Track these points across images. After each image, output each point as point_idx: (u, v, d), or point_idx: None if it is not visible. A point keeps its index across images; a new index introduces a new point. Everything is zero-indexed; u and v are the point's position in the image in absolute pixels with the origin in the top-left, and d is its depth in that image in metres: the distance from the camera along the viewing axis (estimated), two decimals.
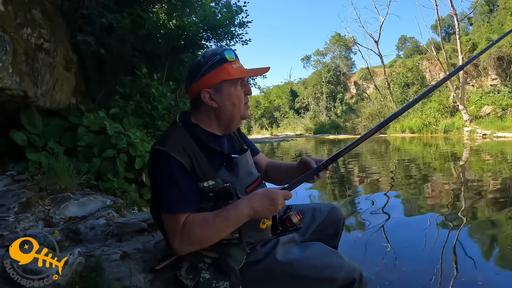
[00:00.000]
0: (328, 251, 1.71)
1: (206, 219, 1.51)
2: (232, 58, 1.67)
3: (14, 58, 3.47)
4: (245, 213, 1.53)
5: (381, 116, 30.30)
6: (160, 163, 1.56)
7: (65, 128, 4.51)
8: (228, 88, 1.66)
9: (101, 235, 2.36)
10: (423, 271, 3.09)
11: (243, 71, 1.71)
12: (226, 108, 1.68)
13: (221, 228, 1.52)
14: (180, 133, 1.63)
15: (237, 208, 1.54)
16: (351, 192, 6.90)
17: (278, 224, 1.74)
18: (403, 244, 3.78)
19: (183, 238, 1.51)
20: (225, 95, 1.67)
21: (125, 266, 1.79)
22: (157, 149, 1.57)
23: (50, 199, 3.23)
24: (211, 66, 1.64)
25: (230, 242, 1.63)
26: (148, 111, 5.99)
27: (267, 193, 1.58)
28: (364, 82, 43.01)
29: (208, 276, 1.58)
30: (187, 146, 1.58)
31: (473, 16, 36.69)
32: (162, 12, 8.82)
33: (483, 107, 23.91)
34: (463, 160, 11.29)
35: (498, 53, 25.42)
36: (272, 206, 1.56)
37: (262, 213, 1.57)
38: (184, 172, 1.54)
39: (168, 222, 1.54)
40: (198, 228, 1.50)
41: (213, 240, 1.55)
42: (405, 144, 19.86)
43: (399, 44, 53.13)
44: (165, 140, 1.60)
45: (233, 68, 1.66)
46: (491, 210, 5.14)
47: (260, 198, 1.56)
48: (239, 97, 1.70)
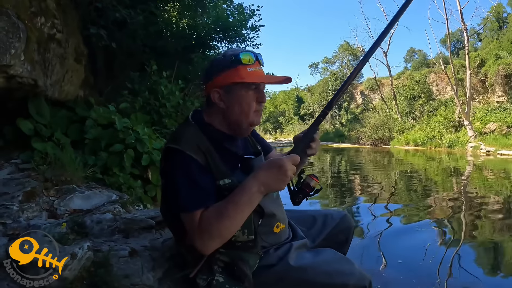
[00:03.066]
0: (340, 258, 1.69)
1: (219, 209, 1.44)
2: (250, 61, 1.60)
3: (27, 46, 3.45)
4: (254, 190, 1.44)
5: (385, 127, 30.26)
6: (175, 161, 1.50)
7: (72, 120, 4.48)
8: (239, 91, 1.59)
9: (108, 230, 2.31)
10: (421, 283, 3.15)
11: (258, 76, 1.62)
12: (234, 111, 1.62)
13: (235, 214, 1.43)
14: (193, 131, 1.58)
15: (244, 188, 1.45)
16: (351, 201, 6.89)
17: (297, 192, 1.67)
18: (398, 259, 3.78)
19: (203, 234, 1.43)
20: (234, 98, 1.60)
21: (134, 263, 1.75)
22: (172, 147, 1.51)
23: (55, 190, 3.19)
24: (226, 66, 1.59)
25: (245, 245, 1.57)
26: (156, 108, 5.97)
27: (272, 162, 1.49)
28: (371, 92, 43.02)
29: (222, 279, 1.54)
30: (202, 144, 1.53)
31: (482, 32, 36.78)
32: (174, 10, 8.82)
33: (488, 124, 23.81)
34: (465, 176, 11.27)
35: (506, 71, 25.39)
36: (282, 175, 1.46)
37: (274, 185, 1.47)
38: (200, 169, 1.48)
39: (187, 222, 1.48)
40: (213, 221, 1.42)
41: (232, 228, 1.46)
42: (408, 156, 19.86)
43: (408, 56, 53.39)
44: (178, 138, 1.55)
45: (247, 72, 1.59)
46: (490, 227, 5.15)
47: (266, 170, 1.47)
48: (249, 102, 1.61)
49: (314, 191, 1.67)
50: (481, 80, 27.99)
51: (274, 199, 1.74)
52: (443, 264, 3.62)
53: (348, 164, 15.55)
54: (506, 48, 27.56)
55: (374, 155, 20.43)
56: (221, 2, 9.53)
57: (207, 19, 8.86)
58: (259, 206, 1.54)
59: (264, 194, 1.48)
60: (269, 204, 1.64)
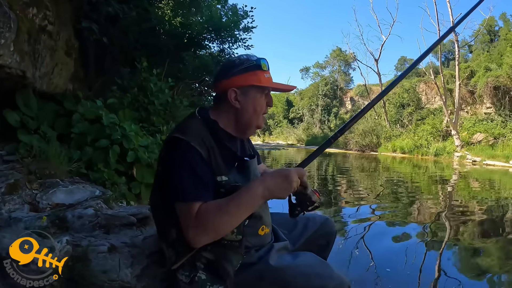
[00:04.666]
0: (319, 261, 1.72)
1: (220, 205, 1.48)
2: (266, 68, 1.71)
3: (17, 36, 3.43)
4: (259, 194, 1.50)
5: (374, 134, 30.44)
6: (178, 151, 1.54)
7: (60, 113, 4.45)
8: (255, 94, 1.69)
9: (89, 225, 2.31)
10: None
11: (271, 82, 1.73)
12: (248, 111, 1.70)
13: (235, 212, 1.48)
14: (199, 125, 1.64)
15: (250, 190, 1.50)
16: (336, 206, 6.92)
17: (296, 205, 1.75)
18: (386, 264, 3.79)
19: (198, 227, 1.45)
20: (250, 99, 1.69)
21: (112, 259, 1.76)
22: (177, 137, 1.55)
23: (38, 183, 3.17)
24: (245, 68, 1.68)
25: (231, 244, 1.59)
26: (144, 105, 5.95)
27: (279, 171, 1.57)
28: (360, 99, 43.31)
29: (204, 277, 1.56)
30: (206, 138, 1.58)
31: (473, 44, 37.17)
32: (168, 8, 8.81)
33: (476, 134, 24.10)
34: (450, 184, 11.39)
35: (495, 83, 25.74)
36: (287, 184, 1.53)
37: (277, 192, 1.53)
38: (202, 161, 1.53)
39: (182, 211, 1.49)
40: (211, 215, 1.45)
41: (229, 226, 1.50)
42: (395, 163, 19.97)
43: (399, 64, 53.69)
44: (184, 129, 1.59)
45: (264, 77, 1.69)
46: (474, 233, 5.22)
47: (273, 177, 1.54)
48: (262, 105, 1.72)
49: (313, 206, 1.74)
50: (470, 91, 28.41)
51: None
52: (430, 271, 3.68)
53: (335, 169, 15.60)
54: (496, 60, 27.92)
55: (361, 161, 20.53)
56: (216, 2, 9.54)
57: (200, 18, 8.85)
58: None
59: (266, 199, 1.55)
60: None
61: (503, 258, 4.24)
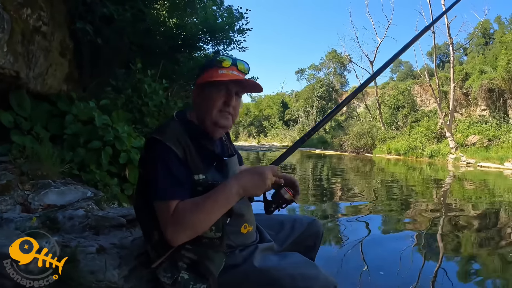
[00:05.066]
0: (304, 262, 1.74)
1: (196, 202, 1.50)
2: (225, 64, 1.70)
3: (10, 37, 3.44)
4: (234, 191, 1.52)
5: (368, 136, 30.51)
6: (155, 151, 1.57)
7: (53, 114, 4.46)
8: (209, 90, 1.70)
9: (79, 226, 2.32)
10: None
11: (226, 76, 1.69)
12: (202, 108, 1.72)
13: (211, 209, 1.50)
14: (175, 126, 1.66)
15: (225, 188, 1.53)
16: (330, 209, 6.92)
17: (271, 202, 1.78)
18: (379, 267, 3.80)
19: (175, 224, 1.47)
20: (203, 96, 1.71)
21: (100, 260, 1.77)
22: (153, 137, 1.58)
23: (30, 184, 3.18)
24: (203, 67, 1.75)
25: (211, 242, 1.60)
26: (138, 106, 5.95)
27: (254, 169, 1.60)
28: (355, 101, 43.21)
29: (187, 277, 1.58)
30: (182, 138, 1.60)
31: (468, 46, 37.32)
32: (163, 9, 8.80)
33: (470, 136, 24.22)
34: (445, 186, 11.46)
35: (490, 85, 25.96)
36: (261, 181, 1.56)
37: (252, 190, 1.56)
38: (178, 161, 1.55)
39: (160, 210, 1.52)
40: (188, 212, 1.47)
41: (205, 223, 1.51)
42: (389, 165, 20.02)
43: (394, 67, 53.75)
44: (161, 131, 1.62)
45: (217, 73, 1.68)
46: (468, 238, 5.21)
47: (248, 175, 1.57)
48: (214, 101, 1.69)
49: (286, 204, 1.77)
50: (464, 93, 28.55)
51: (244, 200, 1.78)
52: (425, 274, 3.69)
53: (330, 171, 15.62)
54: (491, 63, 28.07)
55: (356, 163, 20.56)
56: (211, 3, 9.54)
57: (195, 20, 8.85)
58: None
59: (241, 196, 1.55)
60: (239, 204, 1.68)
61: (497, 262, 4.26)
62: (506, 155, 19.89)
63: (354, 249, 4.37)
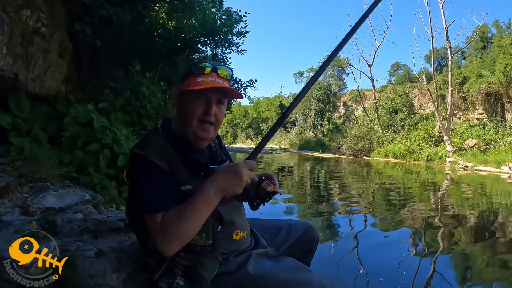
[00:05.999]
0: (299, 267, 1.74)
1: (178, 211, 1.48)
2: (204, 71, 1.66)
3: (10, 39, 3.45)
4: (211, 193, 1.49)
5: (366, 139, 30.56)
6: (138, 166, 1.56)
7: (52, 115, 4.46)
8: (188, 99, 1.66)
9: (77, 229, 2.33)
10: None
11: (204, 84, 1.64)
12: (182, 118, 1.70)
13: (193, 216, 1.48)
14: (159, 138, 1.64)
15: (202, 191, 1.50)
16: (327, 212, 6.92)
17: (253, 198, 1.73)
18: (375, 272, 3.79)
19: (163, 235, 1.48)
20: (182, 105, 1.69)
21: (99, 264, 1.78)
22: (136, 153, 1.57)
23: (29, 186, 3.18)
24: (184, 75, 1.71)
25: (203, 249, 1.61)
26: (136, 108, 5.94)
27: (228, 167, 1.55)
28: (353, 104, 43.42)
29: (182, 283, 1.57)
30: (166, 151, 1.59)
31: (466, 50, 37.43)
32: (162, 11, 8.81)
33: (467, 140, 24.35)
34: (442, 189, 11.49)
35: (487, 89, 26.08)
36: (237, 179, 1.51)
37: (230, 188, 1.52)
38: (162, 174, 1.55)
39: (149, 223, 1.52)
40: (172, 223, 1.47)
41: (191, 230, 1.50)
42: (387, 168, 20.06)
43: (392, 70, 53.94)
44: (143, 144, 1.61)
45: (195, 81, 1.64)
46: (466, 240, 5.23)
47: (222, 174, 1.53)
48: (193, 110, 1.65)
49: (270, 196, 1.71)
50: (462, 97, 28.69)
51: (235, 207, 1.79)
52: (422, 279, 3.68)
53: (328, 174, 15.62)
54: (489, 67, 28.22)
55: (354, 166, 20.57)
56: (210, 6, 9.55)
57: (194, 22, 8.85)
58: (218, 213, 1.61)
59: (221, 197, 1.52)
60: (228, 212, 1.70)
61: (498, 267, 4.26)
62: (503, 159, 19.99)
63: (350, 253, 4.37)
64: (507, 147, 21.79)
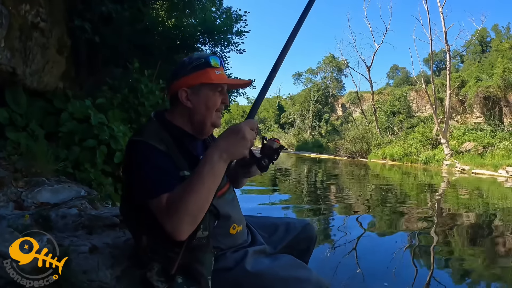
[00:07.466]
0: (297, 264, 1.73)
1: (183, 186, 1.40)
2: (217, 65, 1.68)
3: (8, 32, 3.43)
4: (215, 158, 1.40)
5: (364, 141, 30.61)
6: (137, 151, 1.51)
7: (49, 111, 4.44)
8: (206, 92, 1.66)
9: (72, 225, 2.31)
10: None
11: (224, 79, 1.70)
12: (200, 110, 1.67)
13: (200, 187, 1.37)
14: (156, 127, 1.62)
15: (207, 160, 1.41)
16: (325, 211, 6.93)
17: (261, 157, 1.67)
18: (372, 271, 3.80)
19: (172, 216, 1.37)
20: (201, 98, 1.66)
21: (93, 259, 1.76)
22: (134, 139, 1.54)
23: (24, 181, 3.16)
24: (194, 67, 1.65)
25: (199, 242, 1.53)
26: (134, 106, 5.91)
27: (230, 128, 1.48)
28: (352, 106, 43.46)
29: (180, 280, 1.52)
30: (164, 138, 1.57)
31: (465, 54, 37.55)
32: (162, 9, 8.80)
33: (465, 143, 24.41)
34: (439, 192, 11.52)
35: (485, 93, 26.19)
36: (240, 139, 1.43)
37: (235, 150, 1.44)
38: (162, 156, 1.51)
39: (155, 208, 1.42)
40: (178, 199, 1.37)
41: (200, 204, 1.39)
42: (384, 170, 20.09)
43: (390, 72, 54.11)
44: (141, 131, 1.60)
45: (215, 74, 1.66)
46: (464, 242, 5.25)
47: (224, 138, 1.45)
48: (215, 102, 1.68)
49: (278, 152, 1.69)
50: (460, 100, 28.78)
51: (229, 201, 1.78)
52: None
53: (325, 175, 15.64)
54: (487, 71, 28.36)
55: (351, 167, 20.60)
56: (210, 5, 9.54)
57: (194, 21, 8.85)
58: (214, 207, 1.56)
59: (227, 162, 1.44)
60: (224, 206, 1.67)
61: (499, 271, 4.27)
62: (501, 162, 20.03)
63: (348, 253, 4.38)
64: (504, 150, 21.85)
